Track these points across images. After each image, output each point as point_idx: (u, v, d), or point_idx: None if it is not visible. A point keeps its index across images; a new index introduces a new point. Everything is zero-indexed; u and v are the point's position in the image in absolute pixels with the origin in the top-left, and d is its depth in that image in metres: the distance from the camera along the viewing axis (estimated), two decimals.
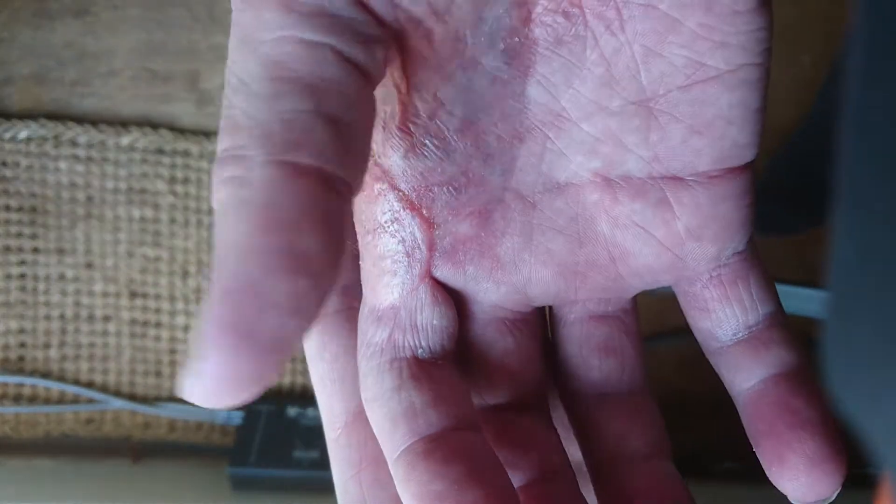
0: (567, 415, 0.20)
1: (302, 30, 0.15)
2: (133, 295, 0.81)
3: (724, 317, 0.19)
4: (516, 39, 0.17)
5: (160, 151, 0.80)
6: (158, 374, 0.82)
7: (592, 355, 0.20)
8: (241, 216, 0.13)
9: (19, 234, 0.79)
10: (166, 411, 0.80)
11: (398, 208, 0.18)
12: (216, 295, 0.13)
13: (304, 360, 0.53)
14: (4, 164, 0.79)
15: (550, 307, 0.20)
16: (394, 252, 0.18)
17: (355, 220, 0.18)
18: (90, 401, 0.80)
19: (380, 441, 0.17)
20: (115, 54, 0.80)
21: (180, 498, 0.76)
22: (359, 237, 0.18)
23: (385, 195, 0.18)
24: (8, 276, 0.80)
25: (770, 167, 0.79)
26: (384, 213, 0.18)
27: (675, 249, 0.18)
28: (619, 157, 0.18)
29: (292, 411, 0.78)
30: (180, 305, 0.81)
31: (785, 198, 0.78)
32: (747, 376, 0.18)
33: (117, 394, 0.81)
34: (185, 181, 0.80)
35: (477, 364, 0.19)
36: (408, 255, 0.18)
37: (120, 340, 0.81)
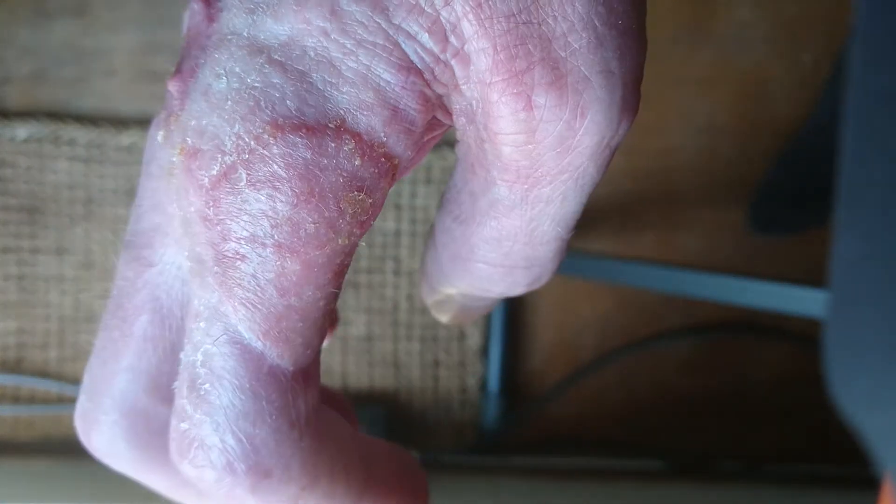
0: None
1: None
2: None
3: None
4: None
5: None
6: None
7: None
8: None
9: (18, 234, 0.79)
10: None
11: None
12: None
13: None
14: (3, 163, 0.79)
15: None
16: None
17: None
18: None
19: None
20: (115, 54, 0.80)
21: None
22: None
23: None
24: (7, 276, 0.79)
25: (775, 168, 0.79)
26: None
27: None
28: None
29: None
30: None
31: (789, 197, 0.78)
32: None
33: None
34: None
35: None
36: None
37: None
